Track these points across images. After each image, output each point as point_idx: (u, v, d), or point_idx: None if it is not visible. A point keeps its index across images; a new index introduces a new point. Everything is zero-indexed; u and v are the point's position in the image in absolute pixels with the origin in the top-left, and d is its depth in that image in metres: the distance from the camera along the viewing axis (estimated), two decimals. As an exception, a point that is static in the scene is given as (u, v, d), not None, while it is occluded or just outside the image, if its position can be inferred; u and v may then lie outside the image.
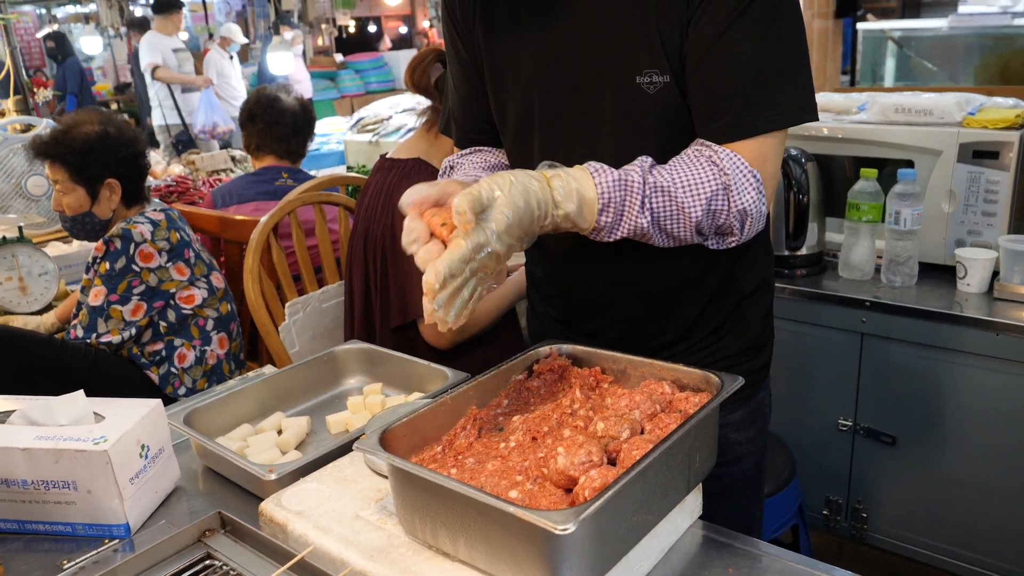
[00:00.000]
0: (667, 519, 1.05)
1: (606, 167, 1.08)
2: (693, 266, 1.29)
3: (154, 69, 6.95)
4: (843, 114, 2.47)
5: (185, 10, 13.98)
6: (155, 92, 7.49)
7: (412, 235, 1.02)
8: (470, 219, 0.97)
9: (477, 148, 1.44)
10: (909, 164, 2.20)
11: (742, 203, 1.10)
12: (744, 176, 1.10)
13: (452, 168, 1.43)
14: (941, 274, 2.20)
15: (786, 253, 2.31)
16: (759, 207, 1.13)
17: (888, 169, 2.24)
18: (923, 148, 2.17)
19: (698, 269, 1.30)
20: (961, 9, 5.55)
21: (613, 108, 1.20)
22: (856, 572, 2.72)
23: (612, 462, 1.01)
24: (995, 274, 2.08)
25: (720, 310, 1.34)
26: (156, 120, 8.09)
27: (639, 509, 0.97)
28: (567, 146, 1.26)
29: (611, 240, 1.10)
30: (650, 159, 1.11)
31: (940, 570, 2.24)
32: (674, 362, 1.17)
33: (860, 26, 6.01)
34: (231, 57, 8.56)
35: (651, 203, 1.07)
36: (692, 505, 1.13)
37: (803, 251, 2.30)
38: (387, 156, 2.18)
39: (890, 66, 6.16)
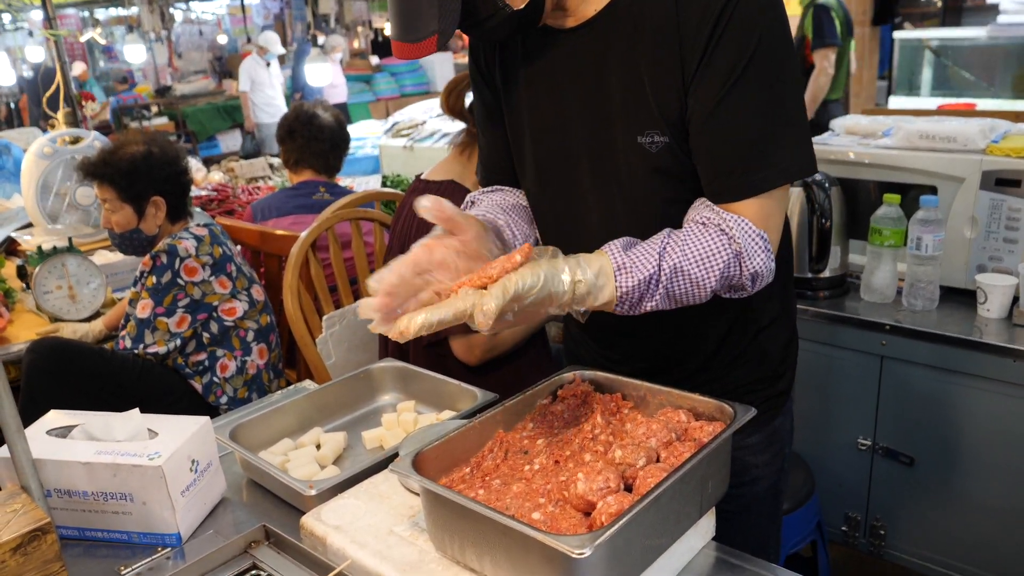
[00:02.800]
0: (680, 541, 1.12)
1: (630, 260, 1.13)
2: (710, 304, 1.35)
3: None
4: (869, 137, 2.51)
5: (224, 12, 14.24)
6: None
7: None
8: (491, 315, 1.01)
9: (498, 187, 1.51)
10: (932, 190, 2.24)
11: (753, 267, 1.17)
12: (753, 240, 1.16)
13: (473, 204, 1.50)
14: (962, 298, 2.24)
15: (809, 275, 2.35)
16: (768, 266, 1.19)
17: (912, 194, 2.28)
18: (946, 175, 2.21)
19: (714, 306, 1.35)
20: (1001, 19, 5.50)
21: (623, 165, 1.26)
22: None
23: (629, 488, 1.08)
24: (1015, 300, 2.11)
25: (738, 342, 1.40)
26: None
27: (653, 533, 1.04)
28: (583, 198, 1.34)
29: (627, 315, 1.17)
30: (666, 233, 1.17)
31: (957, 588, 2.28)
32: (695, 389, 1.24)
33: (897, 34, 5.98)
34: (267, 64, 8.72)
35: (667, 288, 1.14)
36: (705, 527, 1.19)
37: (826, 273, 2.34)
38: (422, 177, 2.27)
39: (927, 75, 6.12)
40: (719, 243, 1.15)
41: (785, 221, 1.28)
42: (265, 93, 8.72)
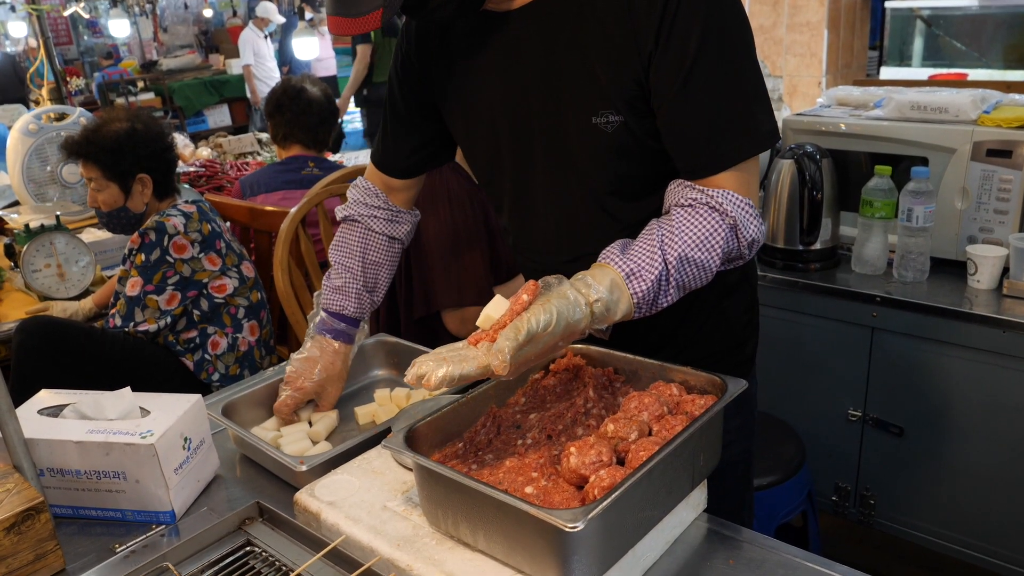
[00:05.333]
0: (672, 513, 1.13)
1: (635, 263, 1.12)
2: None
3: None
4: (860, 108, 2.51)
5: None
6: None
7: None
8: (507, 362, 0.99)
9: (383, 207, 1.57)
10: (924, 161, 2.24)
11: (749, 236, 1.18)
12: (744, 210, 1.17)
13: (352, 221, 1.58)
14: (952, 269, 2.24)
15: (800, 247, 2.35)
16: (761, 231, 1.20)
17: (903, 165, 2.27)
18: (937, 146, 2.21)
19: None
20: (992, -13, 5.48)
21: (577, 146, 1.26)
22: (863, 554, 2.80)
23: (621, 461, 1.08)
24: (1005, 271, 2.12)
25: (700, 311, 1.41)
26: None
27: (645, 506, 1.05)
28: (538, 180, 1.34)
29: None
30: (655, 225, 1.17)
31: (945, 556, 2.31)
32: (664, 361, 1.25)
33: (888, 4, 5.95)
34: (266, 37, 8.58)
35: (677, 281, 1.14)
36: (697, 499, 1.20)
37: (817, 245, 2.34)
38: None
39: (918, 45, 6.09)
40: (713, 221, 1.16)
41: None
42: (267, 66, 8.58)
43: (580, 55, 1.20)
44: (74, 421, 1.28)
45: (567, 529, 0.90)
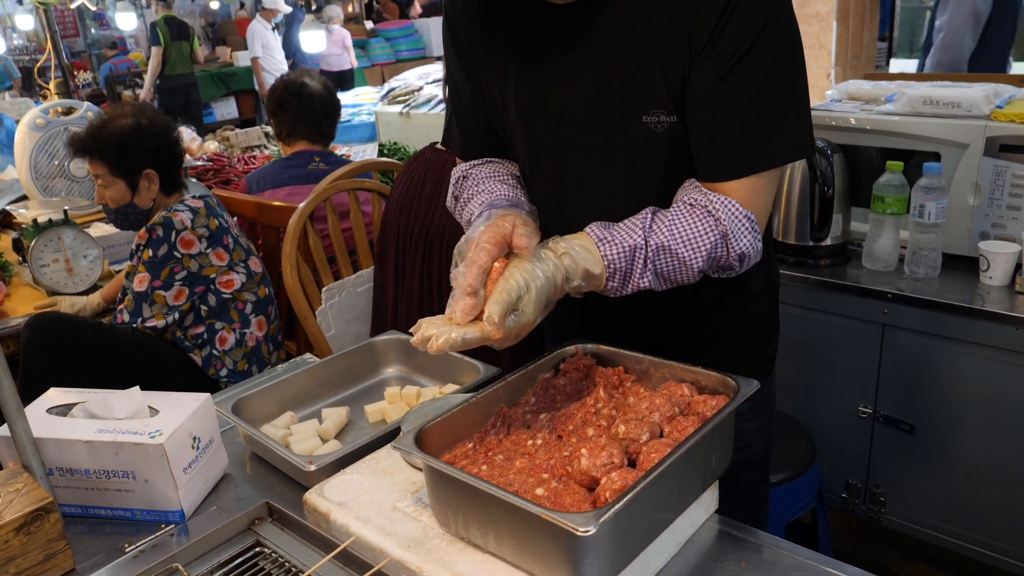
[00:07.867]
0: (684, 515, 1.12)
1: (611, 235, 1.14)
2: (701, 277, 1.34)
3: None
4: (872, 103, 2.48)
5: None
6: None
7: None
8: (499, 325, 1.06)
9: (488, 160, 1.45)
10: (936, 156, 2.22)
11: (740, 248, 1.17)
12: (739, 222, 1.16)
13: (465, 178, 1.44)
14: (965, 265, 2.22)
15: (811, 243, 2.34)
16: (755, 246, 1.20)
17: (915, 160, 2.25)
18: (950, 141, 2.19)
19: (705, 279, 1.35)
20: (1002, -21, 5.42)
21: (622, 144, 1.24)
22: (873, 551, 2.78)
23: (632, 463, 1.07)
24: (1018, 268, 2.10)
25: (728, 312, 1.40)
26: None
27: (657, 508, 1.04)
28: (576, 177, 1.31)
29: (620, 296, 1.19)
30: (651, 211, 1.17)
31: (954, 553, 2.30)
32: (687, 361, 1.24)
33: (898, -6, 5.90)
34: (273, 28, 8.54)
35: (654, 264, 1.15)
36: (708, 500, 1.19)
37: (828, 241, 2.33)
38: (437, 146, 2.21)
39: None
40: (706, 224, 1.16)
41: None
42: (275, 58, 8.52)
43: (642, 50, 1.18)
44: (83, 420, 1.28)
45: (579, 533, 0.89)
